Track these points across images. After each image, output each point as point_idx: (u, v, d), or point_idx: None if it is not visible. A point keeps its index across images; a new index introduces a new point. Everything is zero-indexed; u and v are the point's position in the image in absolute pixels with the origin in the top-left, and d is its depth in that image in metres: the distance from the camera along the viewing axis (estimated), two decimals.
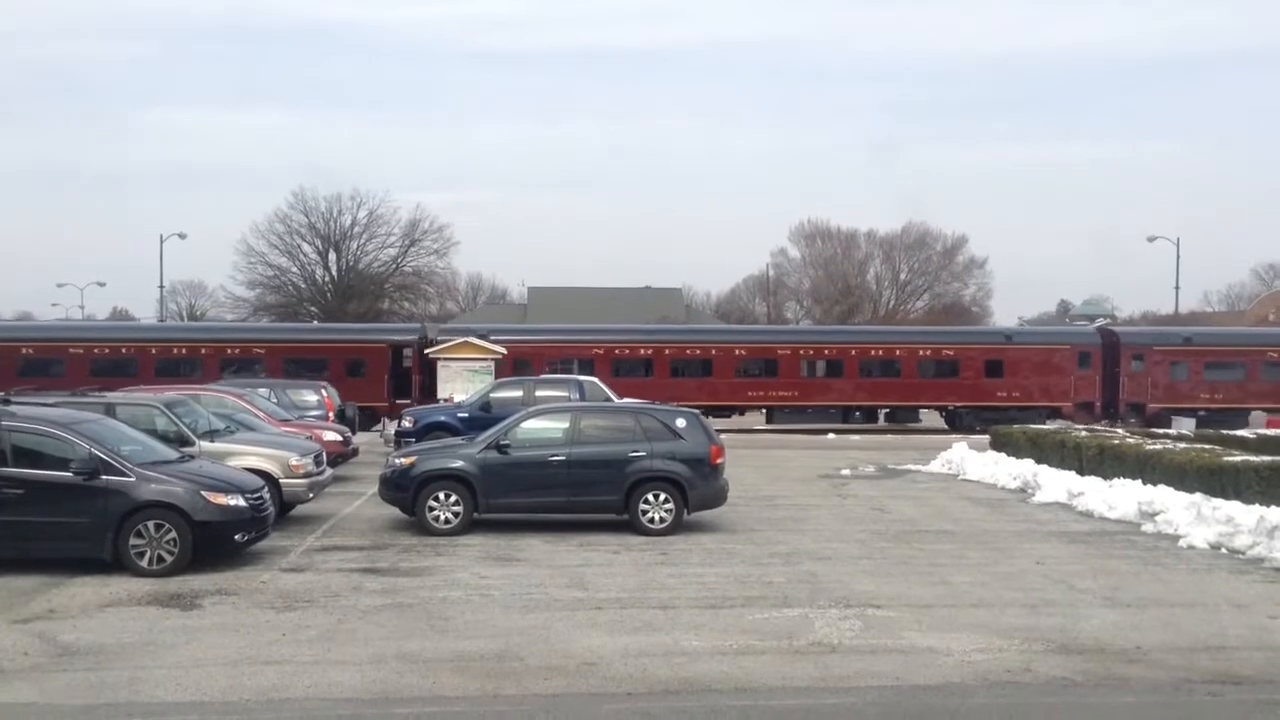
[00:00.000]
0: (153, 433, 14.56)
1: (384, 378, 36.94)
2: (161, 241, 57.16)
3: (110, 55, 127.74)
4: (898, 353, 39.52)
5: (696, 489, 15.20)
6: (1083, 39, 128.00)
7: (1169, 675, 8.46)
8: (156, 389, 20.66)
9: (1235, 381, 39.67)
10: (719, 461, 15.55)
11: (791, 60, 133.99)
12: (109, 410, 14.97)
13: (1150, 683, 8.30)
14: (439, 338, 37.99)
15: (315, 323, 60.74)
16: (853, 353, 39.31)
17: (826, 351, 39.65)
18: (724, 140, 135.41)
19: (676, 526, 15.02)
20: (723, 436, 17.11)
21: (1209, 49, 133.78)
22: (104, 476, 11.80)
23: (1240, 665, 8.75)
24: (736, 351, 39.16)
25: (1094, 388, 39.34)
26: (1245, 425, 38.11)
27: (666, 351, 38.86)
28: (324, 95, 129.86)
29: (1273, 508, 14.09)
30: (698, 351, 39.19)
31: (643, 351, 38.96)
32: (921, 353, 39.55)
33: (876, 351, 39.72)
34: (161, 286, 61.85)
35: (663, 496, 15.05)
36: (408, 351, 38.27)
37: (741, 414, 39.06)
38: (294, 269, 75.95)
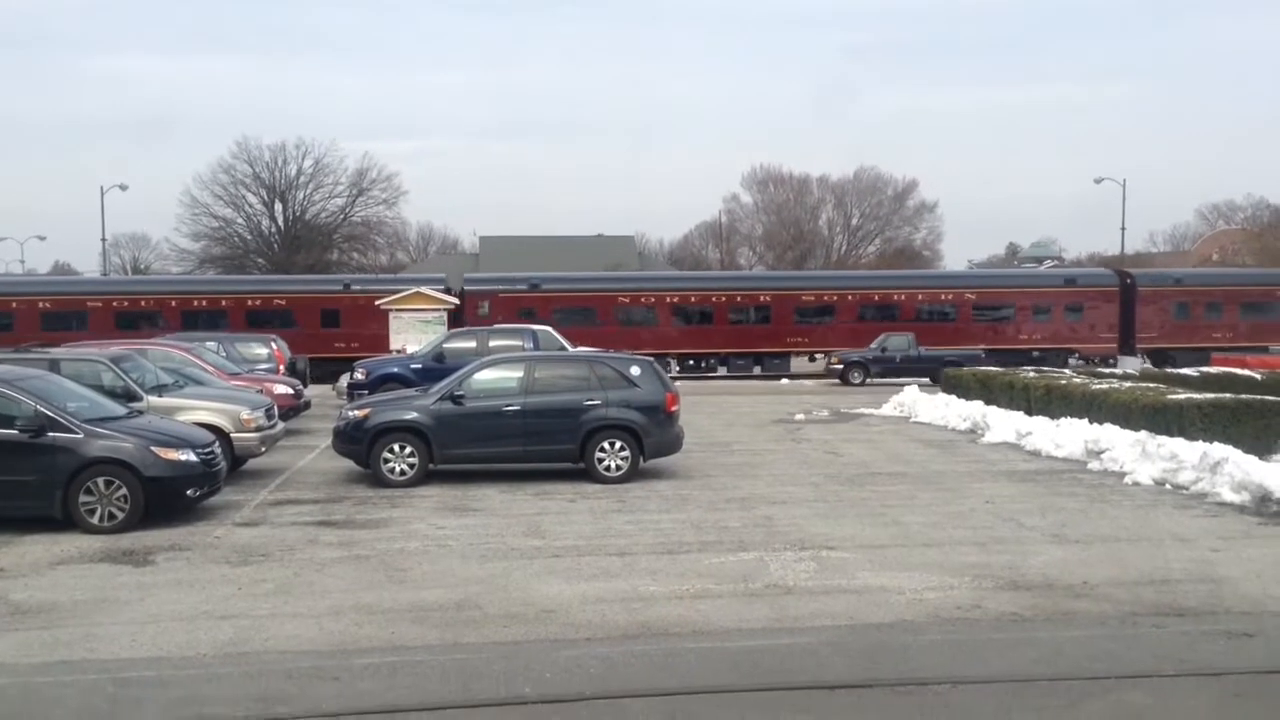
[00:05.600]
0: (99, 388, 14.33)
1: None
2: (102, 193, 55.95)
3: (49, 1, 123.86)
4: (224, 304, 38.75)
5: (652, 436, 15.26)
6: None
7: (1115, 609, 8.65)
8: None
9: (589, 329, 37.83)
10: (674, 409, 15.60)
11: (745, 3, 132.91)
12: (53, 366, 14.72)
13: (1097, 616, 8.47)
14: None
15: None
16: (173, 303, 38.81)
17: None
18: (678, 85, 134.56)
19: (632, 474, 15.08)
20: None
21: None
22: (50, 434, 11.61)
23: (1184, 598, 8.96)
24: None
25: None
26: None
27: None
28: (268, 42, 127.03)
29: (1215, 444, 14.36)
30: None
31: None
32: (250, 303, 38.33)
33: (200, 303, 39.03)
34: (104, 239, 60.77)
35: (618, 444, 15.09)
36: None
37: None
38: (239, 220, 74.72)
